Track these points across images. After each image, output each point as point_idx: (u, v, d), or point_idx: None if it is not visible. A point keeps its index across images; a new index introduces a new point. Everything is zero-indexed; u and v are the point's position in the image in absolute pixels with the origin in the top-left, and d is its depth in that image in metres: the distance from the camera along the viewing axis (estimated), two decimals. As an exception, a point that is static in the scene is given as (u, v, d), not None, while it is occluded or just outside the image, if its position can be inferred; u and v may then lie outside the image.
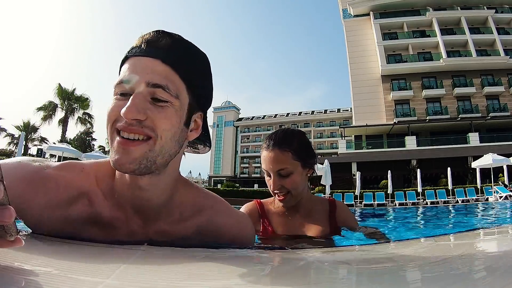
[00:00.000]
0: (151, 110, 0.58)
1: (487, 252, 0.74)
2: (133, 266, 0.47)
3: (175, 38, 0.63)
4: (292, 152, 1.14)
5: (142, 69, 0.59)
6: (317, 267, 0.54)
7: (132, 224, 0.67)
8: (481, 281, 0.41)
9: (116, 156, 0.58)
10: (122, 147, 0.57)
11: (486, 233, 1.20)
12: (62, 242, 0.61)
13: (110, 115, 0.59)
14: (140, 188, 0.64)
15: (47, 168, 0.66)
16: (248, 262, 0.54)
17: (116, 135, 0.58)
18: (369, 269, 0.52)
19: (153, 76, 0.58)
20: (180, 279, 0.40)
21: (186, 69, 0.62)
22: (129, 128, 0.57)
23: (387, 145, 24.60)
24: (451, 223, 3.80)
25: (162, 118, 0.58)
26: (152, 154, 0.59)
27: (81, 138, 34.25)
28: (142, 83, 0.58)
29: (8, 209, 0.36)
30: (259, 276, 0.47)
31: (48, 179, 0.64)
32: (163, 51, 0.60)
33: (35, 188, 0.62)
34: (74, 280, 0.37)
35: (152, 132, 0.58)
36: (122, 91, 0.59)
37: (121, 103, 0.58)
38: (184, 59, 0.63)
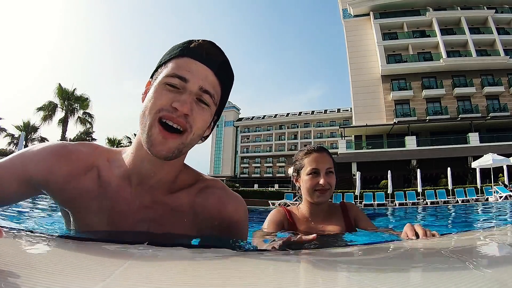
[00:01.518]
0: (195, 109, 0.69)
1: (487, 252, 0.74)
2: (132, 266, 0.47)
3: (225, 57, 0.75)
4: (332, 159, 1.46)
5: (199, 73, 0.69)
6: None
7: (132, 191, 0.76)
8: (481, 281, 0.41)
9: (155, 143, 0.67)
10: (162, 136, 0.67)
11: (486, 233, 1.19)
12: (61, 241, 0.61)
13: (157, 103, 0.67)
14: (154, 164, 0.73)
15: (70, 145, 0.79)
16: (249, 262, 0.54)
17: (158, 122, 0.67)
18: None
19: (206, 83, 0.70)
20: (180, 280, 0.40)
21: (225, 85, 0.76)
22: (177, 119, 0.67)
23: (387, 145, 24.61)
24: (451, 223, 3.80)
25: (201, 118, 0.70)
26: (182, 146, 0.70)
27: (81, 138, 34.20)
28: (197, 86, 0.69)
29: None
30: (260, 276, 0.46)
31: (71, 152, 0.77)
32: (217, 65, 0.72)
33: (61, 160, 0.75)
34: (73, 280, 0.37)
35: (190, 127, 0.69)
36: (173, 83, 0.68)
37: (171, 94, 0.67)
38: (227, 77, 0.76)
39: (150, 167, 0.74)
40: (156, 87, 0.69)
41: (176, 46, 0.74)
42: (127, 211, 0.75)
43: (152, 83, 0.72)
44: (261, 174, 60.45)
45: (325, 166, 1.40)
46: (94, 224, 0.75)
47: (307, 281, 0.43)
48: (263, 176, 59.71)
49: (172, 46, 0.76)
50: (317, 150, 1.45)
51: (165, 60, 0.73)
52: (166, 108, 0.66)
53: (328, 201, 1.45)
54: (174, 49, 0.74)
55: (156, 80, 0.71)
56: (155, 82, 0.71)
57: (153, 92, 0.69)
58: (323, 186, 1.37)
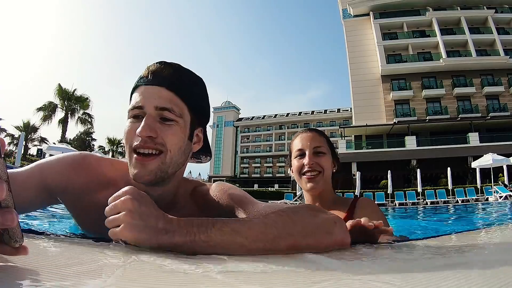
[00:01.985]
0: (160, 129, 0.69)
1: (487, 252, 0.75)
2: (132, 266, 0.46)
3: (175, 67, 0.75)
4: (326, 139, 1.29)
5: (151, 95, 0.70)
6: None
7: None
8: (481, 281, 0.41)
9: (135, 170, 0.69)
10: (139, 162, 0.69)
11: (486, 233, 1.20)
12: (61, 241, 0.61)
13: (128, 136, 0.70)
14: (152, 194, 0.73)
15: (90, 157, 0.82)
16: (251, 264, 0.54)
17: (133, 153, 0.69)
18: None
19: (160, 101, 0.70)
20: (180, 281, 0.39)
21: (186, 93, 0.74)
22: (145, 145, 0.68)
23: (387, 145, 24.61)
24: (451, 223, 3.80)
25: (170, 135, 0.70)
26: (164, 166, 0.70)
27: (81, 138, 34.25)
28: (152, 107, 0.69)
29: (11, 212, 0.36)
30: (259, 276, 0.45)
31: (89, 166, 0.80)
32: (167, 80, 0.72)
33: (79, 171, 0.78)
34: (70, 281, 0.36)
35: (163, 147, 0.69)
36: (135, 114, 0.71)
37: (135, 125, 0.70)
38: (184, 85, 0.75)
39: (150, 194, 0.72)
40: (126, 125, 0.72)
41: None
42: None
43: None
44: (261, 174, 60.46)
45: (313, 144, 1.23)
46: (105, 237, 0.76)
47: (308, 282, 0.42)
48: (263, 176, 59.72)
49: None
50: (304, 130, 1.30)
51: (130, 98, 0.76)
52: (135, 138, 0.69)
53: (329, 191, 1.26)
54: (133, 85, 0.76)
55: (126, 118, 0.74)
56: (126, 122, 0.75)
57: (124, 129, 0.72)
58: (309, 167, 1.20)
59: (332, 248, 0.62)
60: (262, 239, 0.56)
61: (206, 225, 0.56)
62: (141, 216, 0.55)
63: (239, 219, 0.62)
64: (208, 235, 0.55)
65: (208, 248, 0.54)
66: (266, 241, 0.56)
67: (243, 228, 0.56)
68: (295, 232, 0.59)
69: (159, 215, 0.57)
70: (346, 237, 0.65)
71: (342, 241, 0.64)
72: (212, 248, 0.55)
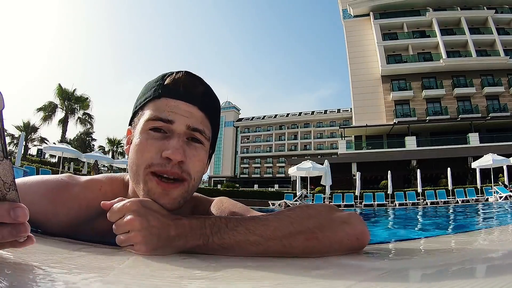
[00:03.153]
0: (189, 153, 0.61)
1: (487, 252, 0.74)
2: (130, 266, 0.46)
3: (206, 86, 0.67)
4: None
5: (183, 112, 0.62)
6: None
7: None
8: (481, 280, 0.41)
9: (156, 196, 0.59)
10: (161, 188, 0.59)
11: (486, 233, 1.19)
12: (60, 241, 0.61)
13: (145, 156, 0.60)
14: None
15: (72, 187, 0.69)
16: (242, 263, 0.54)
17: (151, 176, 0.60)
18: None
19: (193, 121, 0.62)
20: (179, 282, 0.39)
21: (214, 116, 0.68)
22: (171, 171, 0.59)
23: (387, 146, 24.61)
24: (451, 223, 3.80)
25: (197, 161, 0.62)
26: (186, 194, 0.63)
27: (81, 138, 34.24)
28: (184, 125, 0.61)
29: (22, 208, 0.36)
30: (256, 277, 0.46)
31: (70, 200, 0.67)
32: (200, 99, 0.64)
33: (57, 207, 0.66)
34: (70, 278, 0.36)
35: (188, 175, 0.61)
36: (157, 127, 0.61)
37: (158, 141, 0.60)
38: (213, 108, 0.68)
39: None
40: (140, 137, 0.61)
41: (149, 86, 0.67)
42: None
43: (133, 132, 0.64)
44: (261, 175, 60.46)
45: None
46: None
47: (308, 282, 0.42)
48: (263, 176, 59.71)
49: (145, 85, 0.68)
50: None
51: (140, 104, 0.65)
52: (157, 161, 0.59)
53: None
54: (148, 90, 0.66)
55: (138, 128, 0.63)
56: (136, 130, 0.63)
57: (138, 143, 0.61)
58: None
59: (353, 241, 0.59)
60: (278, 236, 0.54)
61: (219, 225, 0.54)
62: (151, 232, 0.52)
63: (253, 217, 0.58)
64: (221, 236, 0.53)
65: (223, 250, 0.54)
66: (282, 237, 0.54)
67: (257, 226, 0.54)
68: (311, 225, 0.56)
69: (169, 223, 0.54)
70: (365, 228, 0.61)
71: (362, 232, 0.60)
72: (226, 249, 0.54)
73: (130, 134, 0.66)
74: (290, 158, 41.56)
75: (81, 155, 16.54)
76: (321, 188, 15.55)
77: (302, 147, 58.66)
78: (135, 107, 0.67)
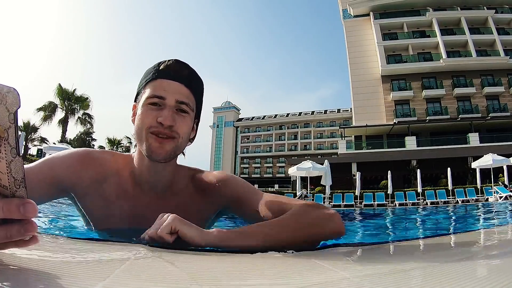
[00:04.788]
0: (177, 119, 0.82)
1: (487, 252, 0.74)
2: (132, 266, 0.47)
3: (191, 69, 0.88)
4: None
5: (173, 89, 0.83)
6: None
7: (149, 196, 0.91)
8: (481, 281, 0.41)
9: (153, 148, 0.81)
10: (158, 142, 0.81)
11: (486, 234, 1.19)
12: (60, 240, 0.61)
13: (145, 120, 0.82)
14: (156, 171, 0.89)
15: (93, 152, 0.93)
16: (243, 263, 0.54)
17: (151, 134, 0.81)
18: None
19: (180, 96, 0.83)
20: (180, 280, 0.40)
21: (197, 92, 0.89)
22: (164, 131, 0.81)
23: (387, 146, 24.60)
24: (451, 223, 3.80)
25: (184, 125, 0.84)
26: (176, 148, 0.84)
27: (81, 138, 34.22)
28: (173, 100, 0.82)
29: (32, 204, 0.37)
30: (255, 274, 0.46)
31: (94, 159, 0.91)
32: (186, 78, 0.86)
33: (87, 166, 0.88)
34: (70, 280, 0.36)
35: (177, 134, 0.83)
36: (154, 102, 0.82)
37: (154, 112, 0.81)
38: (197, 85, 0.89)
39: (153, 171, 0.89)
40: (141, 109, 0.83)
41: (148, 71, 0.88)
42: (147, 213, 0.84)
43: (138, 106, 0.86)
44: (261, 175, 60.45)
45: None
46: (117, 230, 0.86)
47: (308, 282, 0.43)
48: (263, 176, 59.70)
49: (145, 71, 0.90)
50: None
51: (142, 85, 0.87)
52: (154, 124, 0.80)
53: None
54: (148, 74, 0.87)
55: (140, 103, 0.85)
56: (139, 104, 0.85)
57: (140, 113, 0.83)
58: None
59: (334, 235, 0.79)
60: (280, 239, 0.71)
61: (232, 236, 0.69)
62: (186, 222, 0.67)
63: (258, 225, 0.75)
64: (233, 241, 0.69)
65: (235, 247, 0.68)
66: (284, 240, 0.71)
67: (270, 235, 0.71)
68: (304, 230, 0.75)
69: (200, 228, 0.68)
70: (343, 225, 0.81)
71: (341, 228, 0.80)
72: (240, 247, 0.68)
73: (135, 108, 0.88)
74: (290, 158, 41.57)
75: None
76: (321, 188, 15.54)
77: (302, 147, 58.65)
78: (138, 87, 0.89)
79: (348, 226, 2.69)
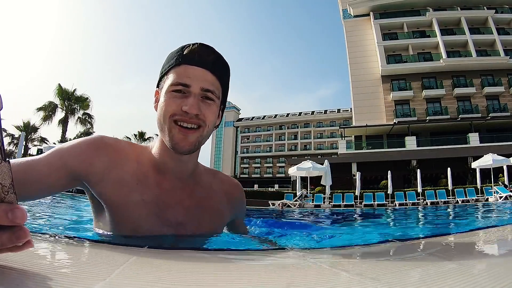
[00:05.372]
0: (202, 107, 0.79)
1: (487, 252, 0.74)
2: (131, 267, 0.47)
3: (217, 54, 0.84)
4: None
5: (198, 77, 0.79)
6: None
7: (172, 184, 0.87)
8: (481, 281, 0.41)
9: (177, 140, 0.78)
10: (182, 134, 0.78)
11: (486, 234, 1.19)
12: (60, 241, 0.61)
13: (168, 109, 0.78)
14: (181, 160, 0.86)
15: (106, 138, 0.88)
16: (239, 263, 0.54)
17: (175, 124, 0.78)
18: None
19: (206, 83, 0.79)
20: (179, 282, 0.40)
21: (223, 78, 0.85)
22: (190, 120, 0.77)
23: (387, 146, 24.58)
24: (451, 223, 3.80)
25: (210, 113, 0.80)
26: (201, 138, 0.81)
27: (81, 138, 34.08)
28: (198, 87, 0.79)
29: (20, 210, 0.35)
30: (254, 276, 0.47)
31: (108, 145, 0.85)
32: (211, 64, 0.81)
33: (99, 150, 0.82)
34: (70, 280, 0.36)
35: (203, 123, 0.79)
36: (178, 90, 0.78)
37: (178, 100, 0.78)
38: (223, 71, 0.85)
39: (177, 159, 0.85)
40: (164, 96, 0.79)
41: (172, 55, 0.83)
42: (171, 200, 0.85)
43: (160, 93, 0.82)
44: (261, 175, 60.41)
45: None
46: (139, 217, 0.81)
47: (308, 282, 0.43)
48: (263, 176, 59.66)
49: (168, 55, 0.85)
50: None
51: (165, 71, 0.82)
52: (178, 112, 0.77)
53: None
54: (171, 59, 0.83)
55: (163, 90, 0.81)
56: (162, 91, 0.81)
57: (164, 101, 0.79)
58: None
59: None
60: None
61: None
62: None
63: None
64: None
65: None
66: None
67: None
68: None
69: None
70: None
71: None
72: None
73: (158, 95, 0.84)
74: (290, 158, 41.54)
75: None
76: (321, 188, 15.54)
77: (302, 147, 58.61)
78: (161, 73, 0.84)
79: (349, 226, 2.69)
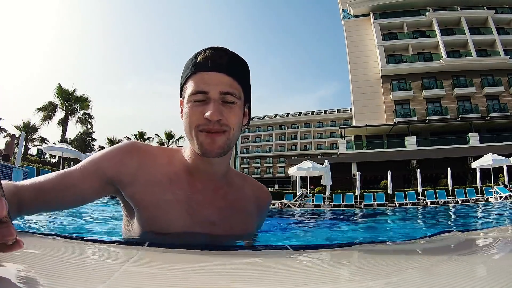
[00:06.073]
0: (224, 111, 0.78)
1: (487, 252, 0.74)
2: (132, 267, 0.47)
3: (230, 54, 0.83)
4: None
5: (214, 81, 0.79)
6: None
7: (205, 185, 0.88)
8: (481, 281, 0.41)
9: (205, 145, 0.78)
10: (209, 138, 0.78)
11: (486, 234, 1.19)
12: (60, 241, 0.61)
13: (193, 119, 0.79)
14: (212, 163, 0.86)
15: (138, 142, 0.90)
16: (248, 262, 0.54)
17: (200, 132, 0.79)
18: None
19: (223, 86, 0.79)
20: (180, 281, 0.39)
21: (240, 76, 0.83)
22: (214, 127, 0.77)
23: (387, 146, 24.59)
24: (451, 223, 3.80)
25: (232, 116, 0.80)
26: (229, 141, 0.81)
27: (81, 138, 34.28)
28: (217, 92, 0.78)
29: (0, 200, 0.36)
30: (260, 277, 0.46)
31: (139, 148, 0.87)
32: (226, 66, 0.80)
33: (130, 153, 0.85)
34: (70, 280, 0.36)
35: (227, 127, 0.79)
36: (197, 99, 0.79)
37: (200, 108, 0.78)
38: (239, 69, 0.84)
39: (207, 164, 0.86)
40: (187, 106, 0.81)
41: (187, 65, 0.84)
42: (203, 200, 0.86)
43: (183, 103, 0.84)
44: (261, 175, 60.43)
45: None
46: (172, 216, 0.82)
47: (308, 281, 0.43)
48: (263, 176, 59.67)
49: (185, 64, 0.86)
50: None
51: (183, 80, 0.84)
52: (202, 122, 0.77)
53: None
54: (187, 68, 0.84)
55: (185, 100, 0.82)
56: (184, 101, 0.83)
57: (187, 111, 0.80)
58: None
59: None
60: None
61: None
62: None
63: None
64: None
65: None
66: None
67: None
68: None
69: None
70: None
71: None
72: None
73: (182, 105, 0.85)
74: (290, 158, 41.55)
75: (81, 155, 16.48)
76: (321, 188, 15.55)
77: (302, 147, 58.62)
78: (181, 83, 0.86)
79: (348, 226, 2.69)
